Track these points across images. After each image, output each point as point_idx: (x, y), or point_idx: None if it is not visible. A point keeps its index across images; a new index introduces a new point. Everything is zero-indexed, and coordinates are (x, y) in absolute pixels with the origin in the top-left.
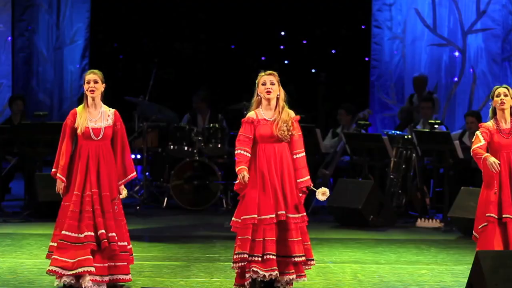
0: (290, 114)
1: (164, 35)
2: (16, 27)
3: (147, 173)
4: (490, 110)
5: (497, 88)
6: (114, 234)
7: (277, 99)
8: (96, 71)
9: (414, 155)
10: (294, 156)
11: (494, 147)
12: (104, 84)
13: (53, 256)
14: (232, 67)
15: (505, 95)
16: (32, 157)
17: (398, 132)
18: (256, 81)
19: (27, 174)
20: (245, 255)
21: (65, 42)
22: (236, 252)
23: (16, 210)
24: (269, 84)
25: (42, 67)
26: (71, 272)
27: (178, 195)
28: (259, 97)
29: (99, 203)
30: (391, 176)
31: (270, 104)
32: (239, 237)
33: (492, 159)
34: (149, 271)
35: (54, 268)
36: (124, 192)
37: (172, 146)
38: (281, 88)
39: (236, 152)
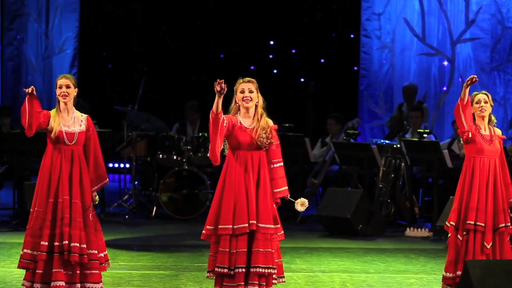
0: (268, 122)
1: (154, 45)
2: (5, 36)
3: (136, 182)
4: None
5: (477, 94)
6: (77, 244)
7: (256, 106)
8: (68, 75)
9: (403, 164)
10: (272, 166)
11: (477, 148)
12: (76, 89)
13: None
14: (221, 76)
15: (485, 102)
16: (21, 166)
17: (387, 141)
18: (234, 88)
19: (16, 183)
20: (225, 269)
21: (54, 51)
22: (217, 264)
23: (5, 219)
24: (247, 92)
25: (31, 76)
26: (40, 285)
27: (167, 204)
28: (237, 104)
29: (68, 211)
30: (380, 185)
31: (248, 112)
32: (220, 249)
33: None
34: (138, 280)
35: (26, 283)
36: (96, 198)
37: (161, 155)
38: (259, 95)
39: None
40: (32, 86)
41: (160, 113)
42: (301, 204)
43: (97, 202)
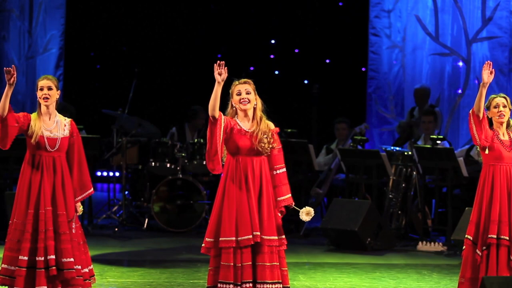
0: (269, 125)
1: (146, 43)
2: None
3: (126, 192)
4: None
5: (494, 97)
6: (71, 259)
7: (254, 109)
8: (50, 76)
9: (414, 173)
10: (274, 172)
11: (495, 155)
12: (59, 91)
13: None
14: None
15: (504, 106)
16: (1, 175)
17: (397, 148)
18: (230, 91)
19: None
20: (231, 285)
21: (38, 51)
22: (220, 280)
23: None
24: (244, 94)
25: None
26: None
27: (159, 216)
28: (234, 108)
29: (52, 223)
30: (390, 196)
31: (247, 115)
32: (222, 263)
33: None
34: None
35: None
36: (80, 209)
37: (153, 163)
38: (257, 97)
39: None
40: (13, 65)
41: (152, 117)
42: (306, 214)
43: (81, 213)
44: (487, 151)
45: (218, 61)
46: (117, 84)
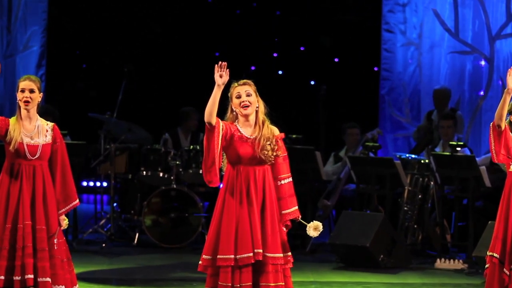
0: (273, 130)
1: (137, 40)
2: None
3: (114, 204)
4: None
5: None
6: (48, 279)
7: (256, 112)
8: (33, 77)
9: (432, 183)
10: (279, 182)
11: None
12: (41, 93)
13: None
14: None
15: None
16: None
17: (413, 156)
18: (229, 94)
19: None
20: None
21: (17, 49)
22: None
23: None
24: (244, 96)
25: None
26: None
27: (151, 230)
28: (234, 113)
29: (31, 239)
30: (405, 208)
31: (248, 120)
32: (220, 283)
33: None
34: None
35: None
36: (64, 222)
37: (144, 172)
38: (259, 99)
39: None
40: None
41: (143, 121)
42: (314, 228)
43: (65, 227)
44: (511, 169)
45: (220, 62)
46: (105, 85)
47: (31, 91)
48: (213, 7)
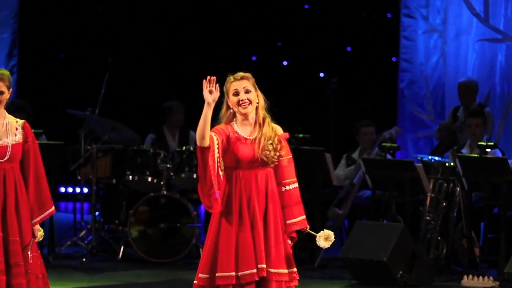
0: (275, 128)
1: (122, 28)
2: None
3: (96, 213)
4: None
5: None
6: None
7: (256, 109)
8: (2, 71)
9: (458, 189)
10: (283, 188)
11: None
12: (11, 89)
13: None
14: (212, 70)
15: None
16: None
17: (436, 158)
18: (224, 89)
19: None
20: None
21: None
22: None
23: None
24: (243, 93)
25: None
26: None
27: (138, 243)
28: (231, 110)
29: (2, 253)
30: (428, 218)
31: (247, 119)
32: None
33: None
34: None
35: None
36: (39, 233)
37: (131, 177)
38: (259, 93)
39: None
40: None
41: (130, 119)
42: (325, 238)
43: (41, 238)
44: None
45: (208, 77)
46: (86, 78)
47: (1, 93)
48: None
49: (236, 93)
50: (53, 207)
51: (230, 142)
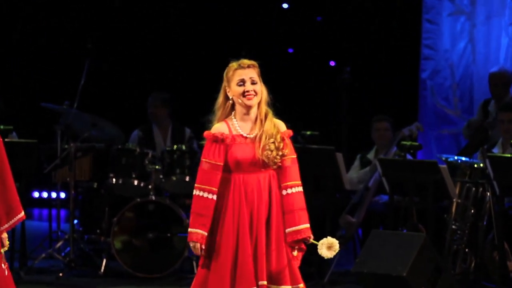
0: (277, 125)
1: (104, 9)
2: None
3: (75, 221)
4: None
5: None
6: None
7: (258, 103)
8: None
9: (488, 193)
10: (285, 192)
11: None
12: None
13: None
14: (207, 58)
15: None
16: None
17: (463, 159)
18: (225, 76)
19: None
20: None
21: None
22: None
23: None
24: (249, 85)
25: None
26: None
27: (123, 255)
28: (230, 101)
29: None
30: (453, 227)
31: (249, 113)
32: None
33: None
34: None
35: None
36: (5, 243)
37: (114, 180)
38: (262, 84)
39: (194, 193)
40: None
41: (113, 114)
42: (328, 247)
43: (7, 249)
44: None
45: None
46: (62, 67)
47: None
48: None
49: (242, 83)
50: (23, 213)
51: (230, 145)
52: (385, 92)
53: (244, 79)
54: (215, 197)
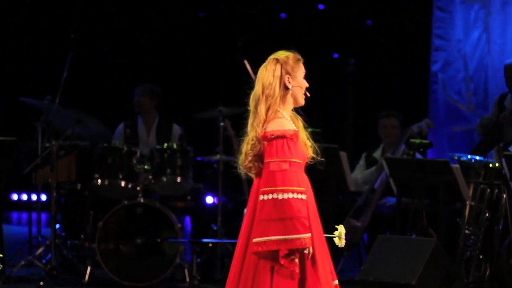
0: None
1: None
2: None
3: (57, 226)
4: None
5: None
6: None
7: None
8: None
9: (504, 195)
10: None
11: None
12: None
13: None
14: (199, 48)
15: None
16: None
17: (477, 158)
18: (284, 64)
19: None
20: None
21: None
22: None
23: None
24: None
25: None
26: None
27: (109, 263)
28: (290, 91)
29: None
30: (467, 231)
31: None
32: None
33: None
34: None
35: None
36: None
37: (99, 181)
38: None
39: (289, 197)
40: None
41: (98, 110)
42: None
43: None
44: None
45: None
46: (44, 60)
47: None
48: None
49: (305, 78)
50: None
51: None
52: (393, 86)
53: (305, 74)
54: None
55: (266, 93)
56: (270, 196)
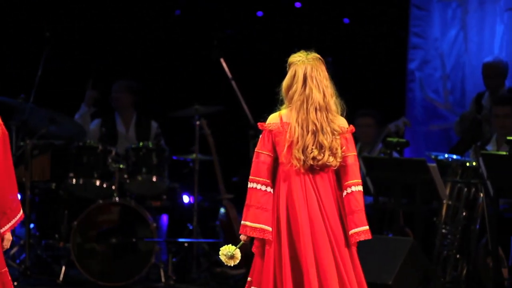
0: None
1: None
2: None
3: (31, 225)
4: None
5: None
6: None
7: None
8: None
9: (481, 195)
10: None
11: None
12: None
13: None
14: (175, 46)
15: None
16: None
17: (455, 157)
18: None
19: None
20: None
21: None
22: None
23: None
24: None
25: None
26: None
27: (84, 262)
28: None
29: None
30: (444, 231)
31: None
32: None
33: None
34: None
35: None
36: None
37: (74, 180)
38: None
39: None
40: None
41: (73, 109)
42: (230, 256)
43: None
44: None
45: None
46: (17, 57)
47: None
48: None
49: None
50: (21, 211)
51: None
52: (369, 85)
53: None
54: None
55: (331, 92)
56: (360, 188)
